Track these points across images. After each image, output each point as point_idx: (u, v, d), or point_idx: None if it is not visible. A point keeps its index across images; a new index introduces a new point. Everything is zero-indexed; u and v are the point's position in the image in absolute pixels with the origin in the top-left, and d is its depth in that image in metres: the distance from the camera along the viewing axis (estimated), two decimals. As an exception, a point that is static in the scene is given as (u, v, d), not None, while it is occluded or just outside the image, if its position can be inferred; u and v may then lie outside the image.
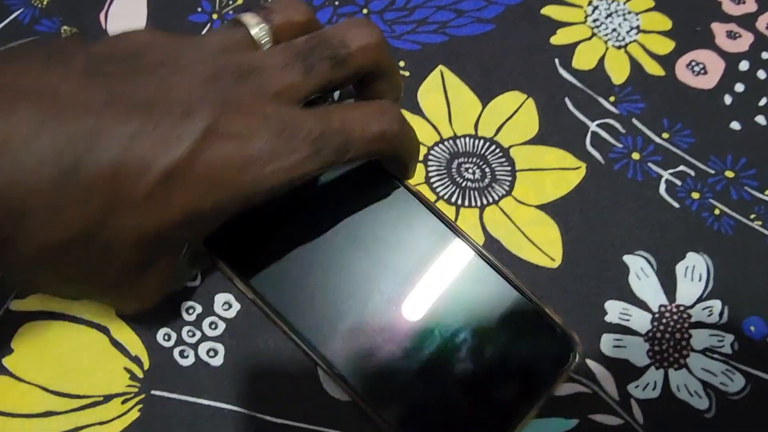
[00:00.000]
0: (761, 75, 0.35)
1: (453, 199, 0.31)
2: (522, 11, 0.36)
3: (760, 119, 0.34)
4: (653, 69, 0.35)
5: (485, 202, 0.31)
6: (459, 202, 0.31)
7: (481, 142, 0.33)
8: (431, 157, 0.32)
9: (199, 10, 0.35)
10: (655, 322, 0.29)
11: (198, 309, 0.29)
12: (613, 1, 0.37)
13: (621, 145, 0.33)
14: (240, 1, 0.36)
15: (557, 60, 0.35)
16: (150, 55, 0.22)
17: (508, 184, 0.32)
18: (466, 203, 0.31)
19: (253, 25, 0.25)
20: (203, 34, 0.25)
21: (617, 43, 0.35)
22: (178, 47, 0.23)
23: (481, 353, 0.27)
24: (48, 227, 0.20)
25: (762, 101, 0.34)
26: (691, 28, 0.36)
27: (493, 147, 0.33)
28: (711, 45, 0.36)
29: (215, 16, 0.35)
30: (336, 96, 0.33)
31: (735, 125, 0.33)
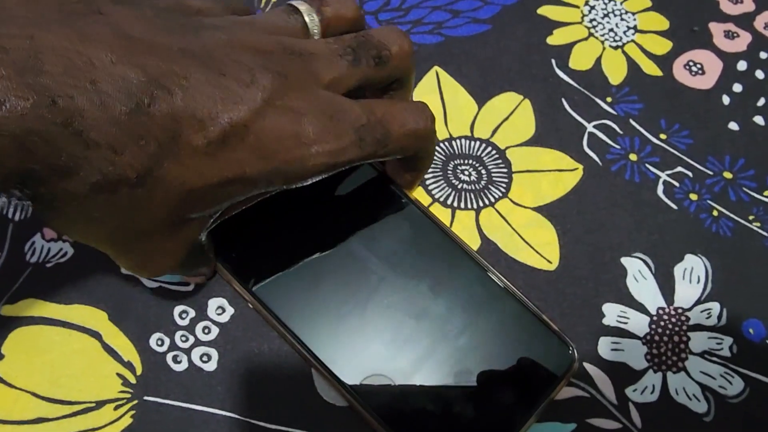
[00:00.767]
0: (759, 75, 0.34)
1: (449, 202, 0.31)
2: (518, 11, 0.36)
3: (758, 119, 0.33)
4: (651, 69, 0.34)
5: (481, 204, 0.31)
6: (455, 204, 0.31)
7: (477, 143, 0.32)
8: (427, 159, 0.32)
9: None
10: (653, 324, 0.29)
11: (191, 313, 0.29)
12: (610, 1, 0.36)
13: (618, 146, 0.32)
14: None
15: (554, 60, 0.34)
16: (212, 19, 0.23)
17: (504, 185, 0.32)
18: (462, 205, 0.31)
19: (308, 14, 0.26)
20: (257, 14, 0.26)
21: (614, 44, 0.35)
22: (235, 18, 0.24)
23: (480, 360, 0.27)
24: (107, 163, 0.20)
25: (760, 101, 0.34)
26: (689, 28, 0.36)
27: (490, 148, 0.32)
28: (709, 45, 0.35)
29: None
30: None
31: (733, 126, 0.33)
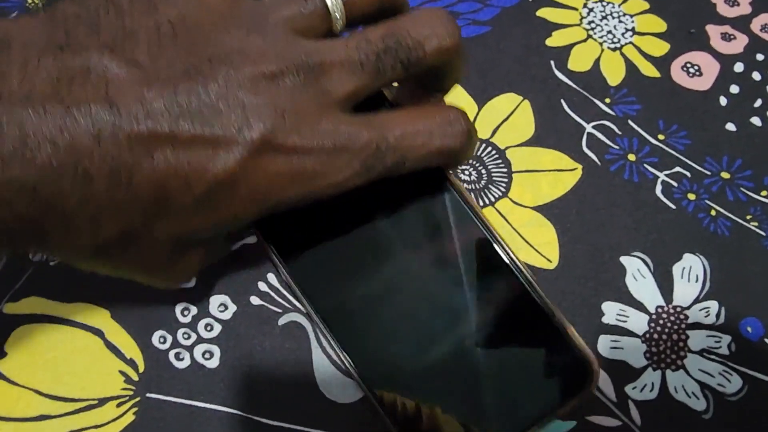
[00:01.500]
0: (756, 76, 0.35)
1: (449, 201, 0.31)
2: (517, 13, 0.36)
3: (755, 120, 0.34)
4: (649, 71, 0.35)
5: (482, 203, 0.31)
6: (455, 203, 0.31)
7: (478, 143, 0.33)
8: (427, 159, 0.32)
9: None
10: (652, 323, 0.29)
11: (193, 310, 0.29)
12: (608, 4, 0.37)
13: (617, 147, 0.33)
14: None
15: (553, 62, 0.35)
16: (222, 38, 0.21)
17: (504, 185, 0.32)
18: (462, 205, 0.31)
19: (332, 1, 0.23)
20: None
21: (612, 45, 0.35)
22: (240, 18, 0.21)
23: (494, 362, 0.26)
24: (86, 234, 0.20)
25: (757, 102, 0.34)
26: (686, 30, 0.36)
27: (490, 149, 0.33)
28: (706, 47, 0.36)
29: None
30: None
31: (730, 126, 0.34)
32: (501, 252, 0.26)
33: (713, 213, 0.31)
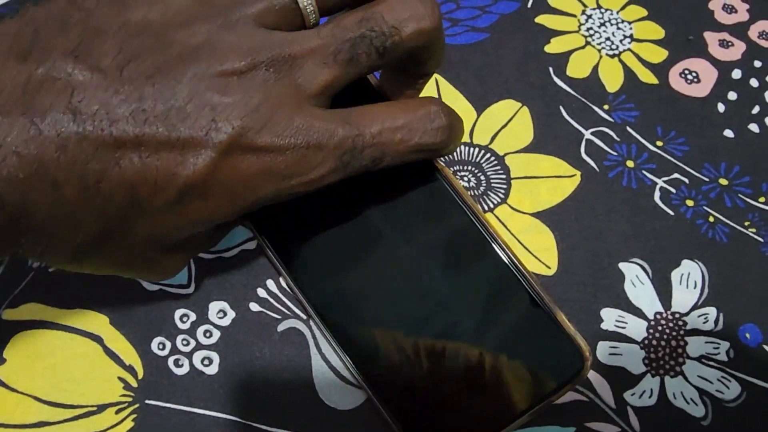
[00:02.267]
0: (754, 83, 0.35)
1: (448, 207, 0.31)
2: (516, 20, 0.36)
3: (753, 127, 0.34)
4: (647, 77, 0.35)
5: (481, 209, 0.31)
6: (454, 209, 0.31)
7: (476, 150, 0.33)
8: (426, 165, 0.32)
9: None
10: (651, 329, 0.29)
11: (192, 317, 0.29)
12: (607, 10, 0.37)
13: (615, 153, 0.33)
14: None
15: (551, 68, 0.35)
16: (187, 34, 0.20)
17: (503, 191, 0.32)
18: (461, 211, 0.31)
19: None
20: None
21: (611, 52, 0.36)
22: (209, 16, 0.21)
23: (485, 348, 0.26)
24: (60, 238, 0.20)
25: (755, 109, 0.34)
26: (684, 36, 0.36)
27: (488, 155, 0.33)
28: (704, 54, 0.36)
29: None
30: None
31: (728, 133, 0.34)
32: (495, 246, 0.26)
33: (711, 219, 0.32)
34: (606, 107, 0.34)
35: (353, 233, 0.27)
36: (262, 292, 0.29)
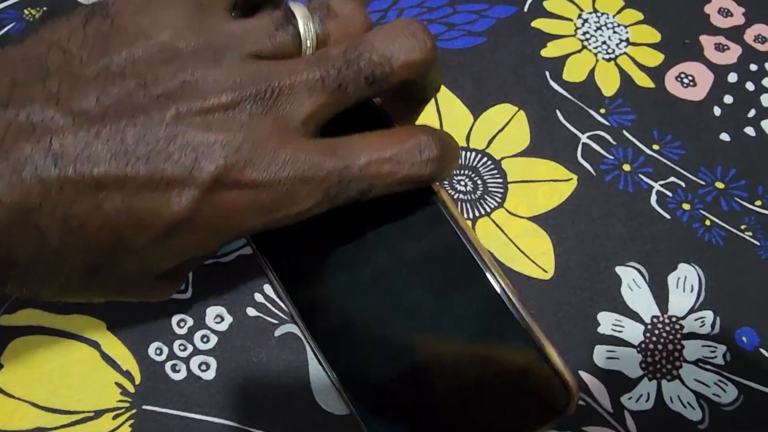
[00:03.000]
0: (750, 87, 0.35)
1: (445, 211, 0.31)
2: (512, 24, 0.36)
3: (749, 130, 0.34)
4: (643, 81, 0.35)
5: (477, 214, 0.32)
6: (451, 214, 0.31)
7: (473, 154, 0.33)
8: (423, 170, 0.32)
9: None
10: (648, 333, 0.29)
11: (189, 322, 0.29)
12: (603, 14, 0.37)
13: (612, 157, 0.33)
14: None
15: (548, 72, 0.35)
16: (162, 73, 0.20)
17: (500, 196, 0.32)
18: (458, 215, 0.31)
19: (305, 24, 0.21)
20: (241, 21, 0.21)
21: (607, 56, 0.36)
22: (198, 52, 0.21)
23: (468, 377, 0.26)
24: (46, 277, 0.20)
25: (751, 112, 0.34)
26: (680, 40, 0.36)
27: (485, 159, 0.33)
28: (700, 57, 0.36)
29: None
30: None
31: (724, 136, 0.34)
32: (487, 273, 0.25)
33: (708, 223, 0.32)
34: (602, 111, 0.34)
35: (345, 250, 0.27)
36: (259, 297, 0.30)
